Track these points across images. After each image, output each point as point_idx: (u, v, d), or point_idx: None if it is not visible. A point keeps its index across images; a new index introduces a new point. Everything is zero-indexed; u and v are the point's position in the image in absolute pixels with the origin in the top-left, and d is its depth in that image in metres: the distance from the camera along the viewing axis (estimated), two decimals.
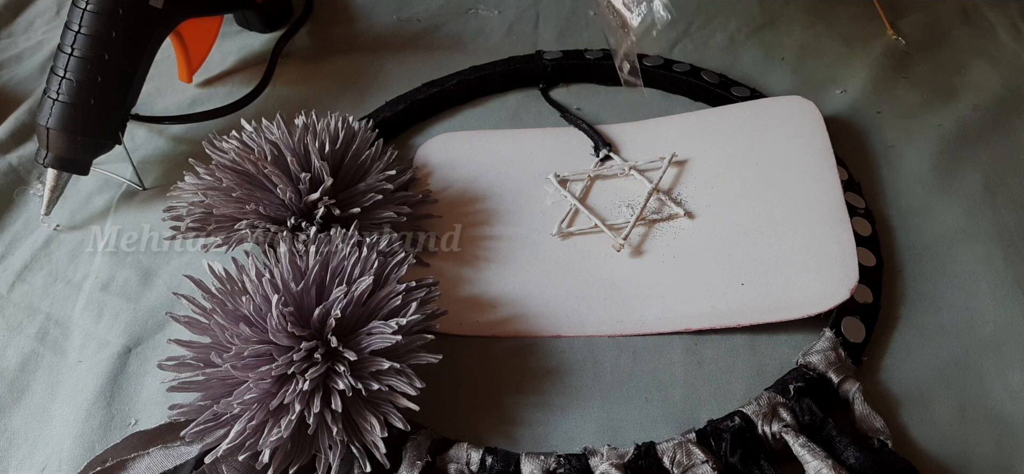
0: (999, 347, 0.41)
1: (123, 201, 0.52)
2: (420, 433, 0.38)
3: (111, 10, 0.48)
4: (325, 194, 0.43)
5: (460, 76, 0.57)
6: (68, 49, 0.48)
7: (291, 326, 0.36)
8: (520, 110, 0.56)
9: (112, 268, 0.48)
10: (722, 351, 0.42)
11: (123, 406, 0.41)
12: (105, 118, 0.49)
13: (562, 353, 0.42)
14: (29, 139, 0.56)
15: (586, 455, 0.36)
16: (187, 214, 0.44)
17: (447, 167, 0.52)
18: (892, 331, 0.42)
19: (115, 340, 0.44)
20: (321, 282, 0.39)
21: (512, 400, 0.41)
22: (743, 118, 0.52)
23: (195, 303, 0.39)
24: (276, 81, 0.60)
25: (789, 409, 0.37)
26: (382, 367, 0.36)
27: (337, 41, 0.63)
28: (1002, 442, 0.37)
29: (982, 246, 0.45)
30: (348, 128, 0.47)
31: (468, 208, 0.49)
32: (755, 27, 0.62)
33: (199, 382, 0.37)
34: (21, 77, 0.62)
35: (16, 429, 0.41)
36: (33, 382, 0.43)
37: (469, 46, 0.62)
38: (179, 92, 0.60)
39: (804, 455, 0.35)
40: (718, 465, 0.35)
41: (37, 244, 0.50)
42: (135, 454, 0.37)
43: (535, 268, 0.46)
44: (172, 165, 0.54)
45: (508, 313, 0.44)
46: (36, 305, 0.47)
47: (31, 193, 0.53)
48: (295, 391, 0.35)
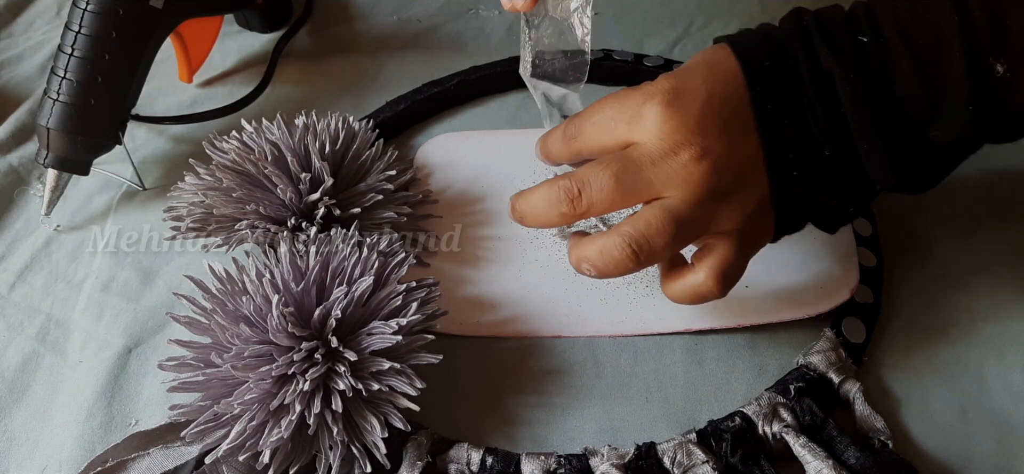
0: (999, 347, 0.41)
1: (123, 201, 0.52)
2: (420, 433, 0.38)
3: (111, 10, 0.48)
4: (325, 194, 0.43)
5: (460, 76, 0.57)
6: (68, 49, 0.48)
7: (291, 326, 0.36)
8: (520, 110, 0.56)
9: (112, 268, 0.48)
10: (723, 351, 0.42)
11: (123, 406, 0.41)
12: (105, 118, 0.49)
13: (562, 353, 0.42)
14: (29, 139, 0.56)
15: (586, 455, 0.36)
16: (187, 214, 0.44)
17: (447, 167, 0.52)
18: (892, 331, 0.42)
19: (115, 340, 0.44)
20: (321, 282, 0.39)
21: (512, 400, 0.41)
22: None
23: (195, 303, 0.39)
24: (276, 81, 0.60)
25: (790, 409, 0.37)
26: (382, 367, 0.36)
27: (337, 41, 0.63)
28: (1002, 442, 0.37)
29: (982, 246, 0.45)
30: (348, 128, 0.47)
31: (468, 208, 0.49)
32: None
33: (199, 382, 0.37)
34: (21, 77, 0.62)
35: (16, 429, 0.41)
36: (33, 382, 0.43)
37: (469, 46, 0.62)
38: (179, 92, 0.60)
39: (804, 455, 0.35)
40: (719, 465, 0.35)
41: (37, 244, 0.50)
42: (135, 454, 0.37)
43: (535, 268, 0.46)
44: (172, 165, 0.54)
45: (508, 313, 0.44)
46: (36, 305, 0.47)
47: (31, 193, 0.53)
48: (295, 391, 0.35)
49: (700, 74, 0.36)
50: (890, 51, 0.34)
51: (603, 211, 0.36)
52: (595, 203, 0.36)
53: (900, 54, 0.34)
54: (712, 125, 0.34)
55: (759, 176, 0.35)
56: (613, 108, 0.37)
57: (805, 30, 0.36)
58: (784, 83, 0.35)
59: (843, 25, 0.36)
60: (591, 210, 0.36)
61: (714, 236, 0.36)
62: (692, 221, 0.35)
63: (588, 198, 0.36)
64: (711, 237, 0.36)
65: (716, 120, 0.35)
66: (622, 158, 0.36)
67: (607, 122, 0.37)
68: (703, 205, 0.35)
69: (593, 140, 0.38)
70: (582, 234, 0.39)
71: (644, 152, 0.35)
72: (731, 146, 0.35)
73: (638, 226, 0.35)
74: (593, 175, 0.36)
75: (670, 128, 0.34)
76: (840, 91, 0.35)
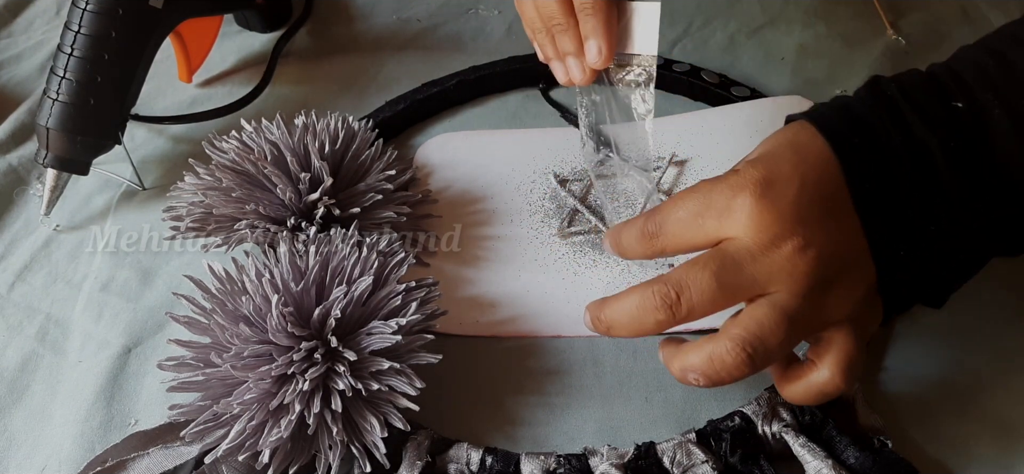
0: (999, 347, 0.41)
1: (123, 201, 0.52)
2: (420, 433, 0.37)
3: (111, 10, 0.48)
4: (325, 194, 0.43)
5: (460, 76, 0.57)
6: (68, 49, 0.48)
7: (291, 326, 0.36)
8: (520, 110, 0.56)
9: (112, 268, 0.48)
10: None
11: (123, 406, 0.41)
12: (105, 118, 0.49)
13: (562, 353, 0.42)
14: (29, 139, 0.56)
15: (586, 455, 0.36)
16: (187, 214, 0.44)
17: (447, 167, 0.52)
18: (892, 331, 0.42)
19: (115, 340, 0.44)
20: (321, 282, 0.39)
21: (512, 400, 0.41)
22: (743, 118, 0.52)
23: (195, 303, 0.39)
24: (276, 81, 0.60)
25: (789, 409, 0.37)
26: (382, 367, 0.36)
27: (337, 41, 0.63)
28: (1002, 442, 0.37)
29: None
30: (348, 128, 0.47)
31: (468, 208, 0.49)
32: (755, 27, 0.62)
33: (199, 382, 0.37)
34: (21, 77, 0.62)
35: (16, 429, 0.41)
36: (33, 382, 0.43)
37: (469, 46, 0.62)
38: (179, 92, 0.60)
39: (804, 455, 0.35)
40: (718, 465, 0.35)
41: (37, 244, 0.50)
42: (135, 454, 0.37)
43: (535, 268, 0.46)
44: (172, 165, 0.54)
45: (508, 313, 0.44)
46: (36, 305, 0.47)
47: (31, 193, 0.53)
48: (295, 391, 0.35)
49: (788, 159, 0.33)
50: (987, 114, 0.33)
51: (705, 315, 0.34)
52: (696, 306, 0.33)
53: (998, 117, 0.33)
54: (811, 213, 0.32)
55: (864, 260, 0.33)
56: (697, 202, 0.34)
57: (891, 101, 0.34)
58: (878, 160, 0.33)
59: (931, 92, 0.34)
60: (691, 315, 0.33)
61: (827, 329, 0.34)
62: (803, 315, 0.32)
63: (688, 302, 0.33)
64: (824, 331, 0.34)
65: (814, 208, 0.33)
66: (719, 256, 0.33)
67: (692, 218, 0.34)
68: (811, 298, 0.32)
69: (677, 238, 0.35)
70: (678, 340, 0.36)
71: (742, 247, 0.33)
72: (832, 233, 0.33)
73: (749, 327, 0.32)
74: (691, 277, 0.33)
75: (769, 221, 0.32)
76: (939, 161, 0.33)
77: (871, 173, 0.33)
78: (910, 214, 0.33)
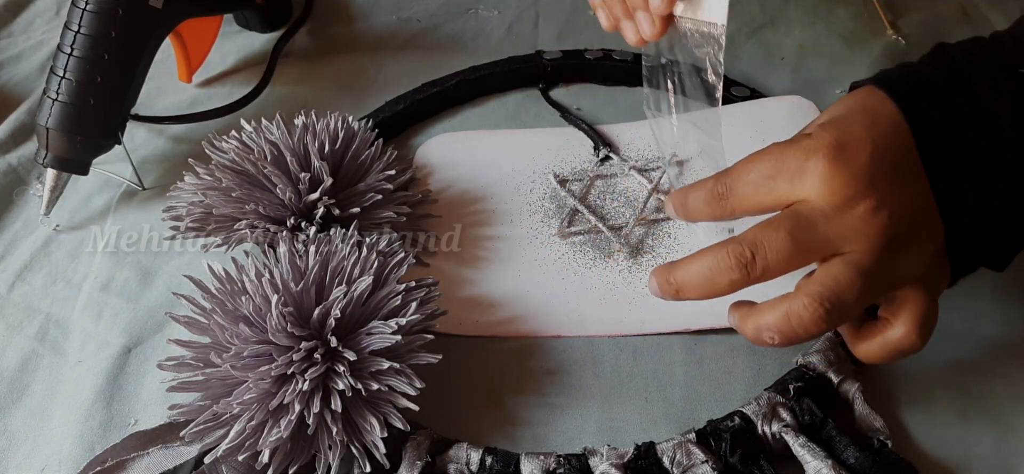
0: (1000, 347, 0.41)
1: (123, 201, 0.52)
2: (420, 433, 0.37)
3: (111, 10, 0.48)
4: (325, 194, 0.43)
5: (460, 76, 0.57)
6: (68, 49, 0.48)
7: (291, 326, 0.36)
8: (520, 110, 0.56)
9: (112, 268, 0.48)
10: (722, 351, 0.42)
11: (123, 406, 0.41)
12: (105, 118, 0.49)
13: (562, 353, 0.42)
14: (29, 139, 0.56)
15: (586, 455, 0.36)
16: (187, 214, 0.44)
17: (447, 167, 0.52)
18: None
19: (115, 340, 0.44)
20: (321, 282, 0.39)
21: (512, 400, 0.41)
22: (743, 118, 0.52)
23: (195, 303, 0.39)
24: (276, 81, 0.60)
25: (789, 409, 0.37)
26: (382, 367, 0.36)
27: (337, 41, 0.63)
28: (1002, 442, 0.37)
29: None
30: (348, 128, 0.47)
31: (468, 208, 0.49)
32: (755, 27, 0.62)
33: (199, 382, 0.37)
34: (21, 77, 0.62)
35: (16, 429, 0.41)
36: (33, 382, 0.43)
37: (469, 46, 0.62)
38: (179, 92, 0.60)
39: (804, 455, 0.35)
40: (718, 465, 0.35)
41: (37, 244, 0.50)
42: (135, 454, 0.37)
43: (535, 268, 0.46)
44: (172, 165, 0.54)
45: (508, 313, 0.44)
46: (36, 305, 0.47)
47: (31, 193, 0.53)
48: (295, 391, 0.35)
49: (860, 122, 0.34)
50: None
51: (779, 274, 0.34)
52: (771, 265, 0.34)
53: None
54: (882, 175, 0.33)
55: (934, 222, 0.34)
56: (769, 165, 0.35)
57: (957, 66, 0.35)
58: (945, 124, 0.34)
59: (996, 57, 0.35)
60: (766, 274, 0.34)
61: (901, 289, 0.34)
62: (877, 274, 0.33)
63: (763, 261, 0.34)
64: (898, 290, 0.35)
65: (886, 170, 0.33)
66: (793, 215, 0.34)
67: (764, 181, 0.35)
68: (884, 257, 0.33)
69: (748, 199, 0.36)
70: (749, 303, 0.37)
71: (815, 208, 0.33)
72: (903, 195, 0.33)
73: (826, 283, 0.33)
74: (765, 236, 0.34)
75: (841, 182, 0.33)
76: (1004, 124, 0.34)
77: (939, 136, 0.34)
78: (977, 177, 0.34)
